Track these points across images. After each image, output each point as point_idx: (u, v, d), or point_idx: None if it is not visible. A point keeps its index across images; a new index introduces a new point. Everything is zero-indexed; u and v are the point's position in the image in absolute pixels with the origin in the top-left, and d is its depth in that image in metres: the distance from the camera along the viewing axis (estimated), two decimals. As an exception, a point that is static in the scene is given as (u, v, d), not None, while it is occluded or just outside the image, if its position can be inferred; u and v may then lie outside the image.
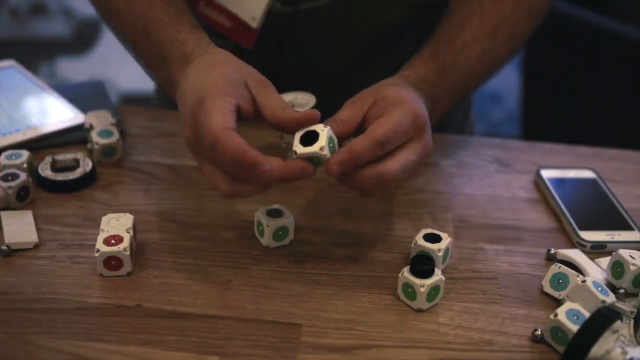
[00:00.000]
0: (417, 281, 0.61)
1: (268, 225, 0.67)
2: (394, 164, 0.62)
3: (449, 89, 0.74)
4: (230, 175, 0.59)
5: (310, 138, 0.60)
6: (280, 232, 0.68)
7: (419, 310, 0.62)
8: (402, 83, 0.69)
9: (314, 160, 0.60)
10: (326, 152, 0.59)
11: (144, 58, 0.74)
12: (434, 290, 0.61)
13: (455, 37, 0.76)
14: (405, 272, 0.62)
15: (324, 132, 0.60)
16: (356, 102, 0.66)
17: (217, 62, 0.65)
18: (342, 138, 0.63)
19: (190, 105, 0.61)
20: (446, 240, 0.65)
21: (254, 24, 0.80)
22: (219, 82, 0.61)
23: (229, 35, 0.82)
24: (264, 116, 0.62)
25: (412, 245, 0.65)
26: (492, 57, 0.78)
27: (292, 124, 0.61)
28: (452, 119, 0.98)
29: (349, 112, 0.64)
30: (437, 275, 0.61)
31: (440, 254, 0.64)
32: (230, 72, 0.63)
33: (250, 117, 0.63)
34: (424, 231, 0.66)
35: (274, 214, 0.68)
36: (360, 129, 0.64)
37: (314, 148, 0.59)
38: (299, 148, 0.59)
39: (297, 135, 0.60)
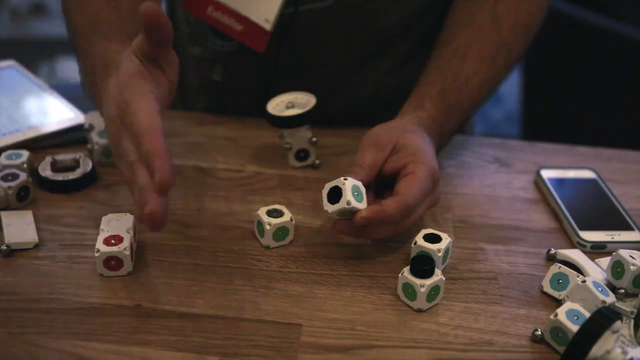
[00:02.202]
0: (417, 281, 0.61)
1: (268, 225, 0.67)
2: (410, 220, 0.66)
3: (452, 127, 0.78)
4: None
5: (335, 194, 0.63)
6: (280, 232, 0.68)
7: (419, 311, 0.62)
8: (419, 129, 0.72)
9: (346, 213, 0.63)
10: (353, 203, 0.62)
11: (81, 64, 0.73)
12: (434, 290, 0.61)
13: (458, 72, 0.77)
14: (406, 272, 0.62)
15: (345, 185, 0.63)
16: (377, 146, 0.69)
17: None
18: (366, 182, 0.66)
19: (114, 106, 0.60)
20: (446, 240, 0.65)
21: (268, 26, 0.80)
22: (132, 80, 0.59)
23: (240, 38, 0.82)
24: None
25: (412, 245, 0.65)
26: (490, 85, 0.80)
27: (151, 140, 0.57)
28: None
29: (372, 157, 0.68)
30: (437, 276, 0.61)
31: (440, 254, 0.64)
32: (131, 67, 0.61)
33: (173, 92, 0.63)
34: (424, 231, 0.66)
35: (274, 214, 0.68)
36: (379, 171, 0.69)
37: (341, 204, 0.62)
38: (329, 207, 0.63)
39: (324, 194, 0.64)
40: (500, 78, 0.81)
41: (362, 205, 0.63)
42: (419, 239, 0.65)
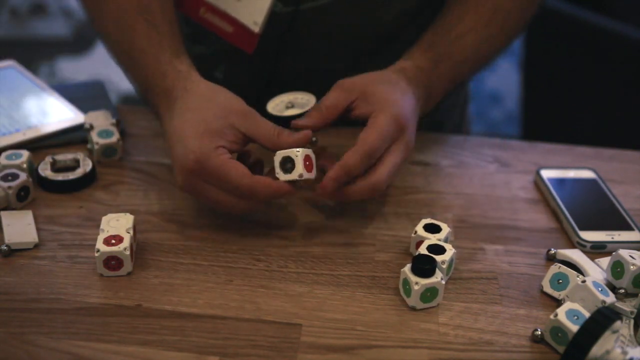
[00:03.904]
0: (414, 279, 0.61)
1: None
2: (383, 171, 0.67)
3: (443, 78, 0.78)
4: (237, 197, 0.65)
5: (288, 163, 0.65)
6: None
7: (413, 309, 0.62)
8: (396, 79, 0.73)
9: (296, 182, 0.66)
10: (306, 176, 0.65)
11: (132, 82, 0.76)
12: (431, 292, 0.61)
13: (451, 29, 0.78)
14: (406, 268, 0.62)
15: (298, 157, 0.64)
16: (343, 88, 0.70)
17: (198, 107, 0.67)
18: (325, 124, 0.68)
19: (182, 162, 0.65)
20: (450, 251, 0.64)
21: (256, 29, 0.80)
22: (205, 139, 0.64)
23: (231, 40, 0.82)
24: (260, 144, 0.67)
25: (412, 235, 0.66)
26: (487, 47, 0.81)
27: (288, 146, 0.66)
28: (449, 117, 0.98)
29: (334, 98, 0.70)
30: (437, 278, 0.61)
31: (444, 266, 0.63)
32: (213, 120, 0.65)
33: (239, 152, 0.68)
34: (424, 221, 0.67)
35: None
36: (343, 115, 0.70)
37: (293, 175, 0.65)
38: (280, 175, 0.65)
39: (277, 161, 0.65)
40: (498, 42, 0.81)
41: (312, 175, 0.65)
42: (419, 229, 0.66)
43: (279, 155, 0.65)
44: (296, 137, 0.66)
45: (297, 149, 0.65)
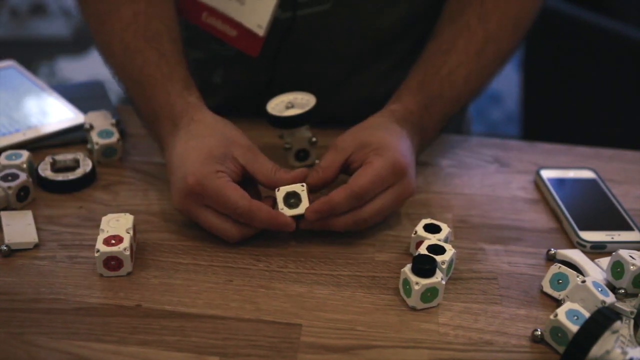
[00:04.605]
0: (414, 278, 0.61)
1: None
2: (368, 210, 0.67)
3: (436, 118, 0.76)
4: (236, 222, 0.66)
5: (292, 198, 0.66)
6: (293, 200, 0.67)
7: (413, 309, 0.62)
8: (387, 123, 0.72)
9: (297, 216, 0.66)
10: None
11: (136, 106, 0.76)
12: (431, 292, 0.61)
13: (441, 65, 0.76)
14: (406, 268, 0.62)
15: (304, 192, 0.66)
16: (337, 147, 0.70)
17: (202, 135, 0.67)
18: (324, 184, 0.68)
19: (181, 184, 0.65)
20: (450, 251, 0.64)
21: (261, 32, 0.80)
22: (205, 163, 0.65)
23: (234, 44, 0.82)
24: (257, 180, 0.68)
25: (412, 235, 0.66)
26: (478, 79, 0.79)
27: (284, 184, 0.67)
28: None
29: (330, 159, 0.69)
30: (437, 278, 0.61)
31: (444, 266, 0.63)
32: (216, 148, 0.66)
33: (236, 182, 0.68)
34: (424, 221, 0.66)
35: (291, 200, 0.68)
36: (345, 170, 0.70)
37: (300, 210, 0.66)
38: (286, 211, 0.66)
39: (280, 197, 0.66)
40: (489, 72, 0.80)
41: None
42: (419, 229, 0.66)
43: (283, 190, 0.66)
44: (293, 174, 0.67)
45: (301, 184, 0.66)
